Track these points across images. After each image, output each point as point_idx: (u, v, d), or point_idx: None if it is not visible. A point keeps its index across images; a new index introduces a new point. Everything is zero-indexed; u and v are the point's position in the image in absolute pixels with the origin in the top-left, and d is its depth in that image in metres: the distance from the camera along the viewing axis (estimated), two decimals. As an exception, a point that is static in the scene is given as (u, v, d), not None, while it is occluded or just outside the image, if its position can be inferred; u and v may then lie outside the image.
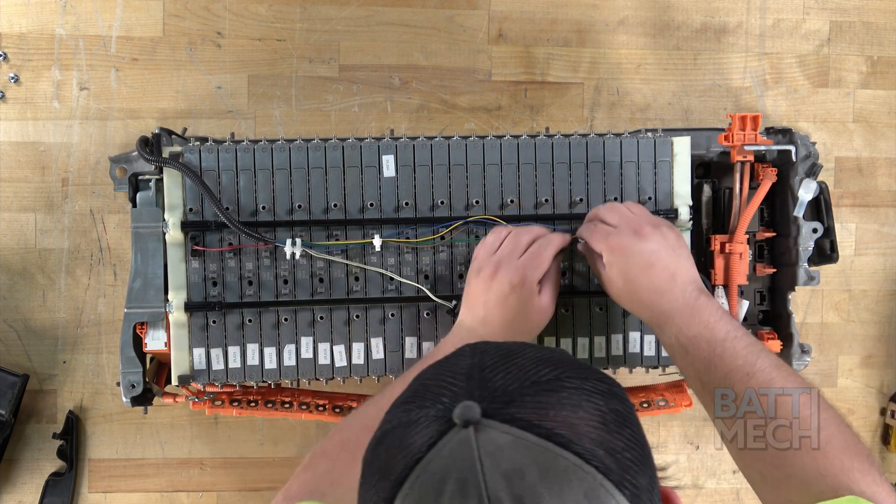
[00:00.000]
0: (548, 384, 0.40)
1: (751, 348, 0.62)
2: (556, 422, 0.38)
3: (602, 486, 0.37)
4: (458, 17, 0.96)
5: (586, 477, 0.37)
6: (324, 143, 0.77)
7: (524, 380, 0.40)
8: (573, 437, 0.38)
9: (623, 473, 0.38)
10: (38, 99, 0.93)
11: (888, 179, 1.01)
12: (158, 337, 0.78)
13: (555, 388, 0.40)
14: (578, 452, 0.37)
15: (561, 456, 0.37)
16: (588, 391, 0.41)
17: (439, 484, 0.37)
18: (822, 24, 0.99)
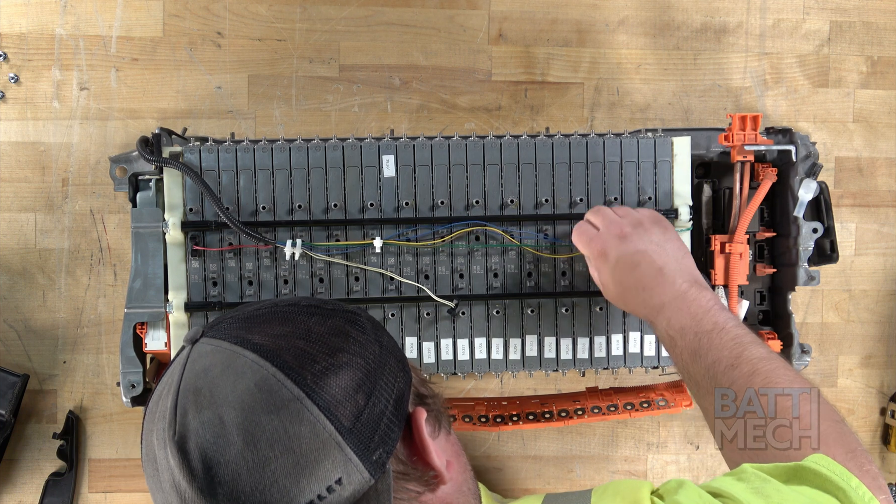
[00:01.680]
0: (271, 310, 0.48)
1: (737, 340, 0.62)
2: (258, 333, 0.45)
3: (274, 376, 0.42)
4: (458, 17, 0.96)
5: (260, 370, 0.43)
6: (324, 143, 0.77)
7: (258, 312, 0.48)
8: (262, 341, 0.44)
9: (305, 370, 0.43)
10: (38, 99, 0.93)
11: (888, 179, 1.01)
12: (158, 337, 0.78)
13: (274, 313, 0.48)
14: (260, 352, 0.43)
15: (242, 355, 0.43)
16: (304, 312, 0.48)
17: (160, 390, 0.46)
18: (822, 24, 0.99)
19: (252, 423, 0.41)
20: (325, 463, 0.41)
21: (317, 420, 0.41)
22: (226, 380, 0.42)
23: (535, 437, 0.99)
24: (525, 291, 0.78)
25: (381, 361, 0.47)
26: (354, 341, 0.46)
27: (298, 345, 0.44)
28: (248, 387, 0.42)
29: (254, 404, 0.41)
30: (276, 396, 0.41)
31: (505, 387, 0.97)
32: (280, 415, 0.41)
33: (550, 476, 0.99)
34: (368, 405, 0.44)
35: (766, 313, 0.85)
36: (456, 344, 0.78)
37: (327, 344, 0.45)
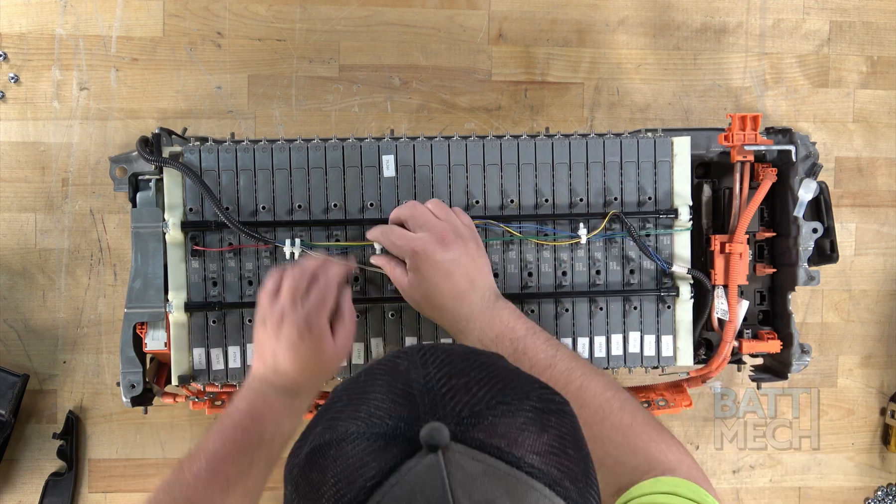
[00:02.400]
0: (509, 406, 0.39)
1: (549, 342, 0.65)
2: (524, 449, 0.37)
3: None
4: (458, 17, 0.96)
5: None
6: (324, 143, 0.77)
7: (482, 400, 0.39)
8: (542, 465, 0.37)
9: (581, 497, 0.38)
10: (38, 99, 0.93)
11: (888, 179, 1.01)
12: (158, 337, 0.78)
13: (516, 411, 0.39)
14: (548, 483, 0.37)
15: (532, 487, 0.36)
16: (544, 412, 0.40)
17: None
18: (822, 24, 1.00)
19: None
20: None
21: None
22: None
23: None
24: (525, 291, 0.78)
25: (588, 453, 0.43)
26: (584, 443, 0.42)
27: (568, 467, 0.38)
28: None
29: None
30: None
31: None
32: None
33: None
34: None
35: (766, 313, 0.85)
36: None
37: (580, 456, 0.40)
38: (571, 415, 0.43)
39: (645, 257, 0.78)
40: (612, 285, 0.79)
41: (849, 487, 1.03)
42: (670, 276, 0.79)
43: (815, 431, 1.02)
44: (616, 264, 0.79)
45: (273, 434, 0.64)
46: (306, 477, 0.39)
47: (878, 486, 1.03)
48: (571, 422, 0.42)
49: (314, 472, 0.39)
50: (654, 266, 0.79)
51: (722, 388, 1.00)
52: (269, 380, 0.66)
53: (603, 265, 0.79)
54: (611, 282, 0.79)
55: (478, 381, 0.40)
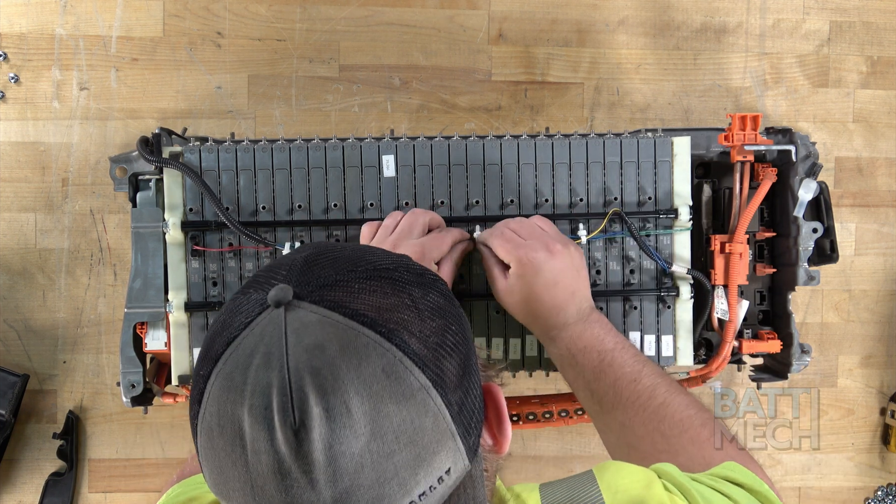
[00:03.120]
0: (365, 272, 0.42)
1: (637, 357, 0.66)
2: (365, 304, 0.40)
3: (401, 362, 0.39)
4: (458, 17, 0.96)
5: (386, 353, 0.39)
6: (324, 143, 0.77)
7: (345, 268, 0.42)
8: (378, 317, 0.40)
9: (427, 354, 0.40)
10: (38, 99, 0.93)
11: (888, 179, 1.01)
12: (158, 337, 0.78)
13: (371, 276, 0.42)
14: (381, 332, 0.39)
15: (362, 333, 0.39)
16: (406, 282, 0.43)
17: (248, 358, 0.39)
18: (822, 24, 1.00)
19: (380, 414, 0.38)
20: (440, 454, 0.39)
21: (438, 411, 0.39)
22: (348, 362, 0.38)
23: (535, 437, 0.99)
24: (525, 291, 0.78)
25: (469, 338, 0.45)
26: (453, 317, 0.43)
27: (413, 323, 0.40)
28: (374, 372, 0.38)
29: (382, 393, 0.38)
30: (405, 385, 0.38)
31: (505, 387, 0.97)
32: (408, 405, 0.38)
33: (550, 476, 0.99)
34: (469, 388, 0.42)
35: (766, 313, 0.85)
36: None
37: (437, 323, 0.42)
38: (444, 294, 0.44)
39: (645, 257, 0.78)
40: (612, 285, 0.79)
41: (849, 487, 1.03)
42: (670, 276, 0.79)
43: (815, 431, 1.02)
44: (616, 264, 0.79)
45: None
46: (201, 347, 0.45)
47: (878, 486, 1.03)
48: (442, 298, 0.44)
49: (203, 341, 0.44)
50: (654, 266, 0.79)
51: (722, 388, 1.00)
52: None
53: (603, 265, 0.79)
54: (611, 282, 0.79)
55: (348, 257, 0.44)
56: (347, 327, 0.39)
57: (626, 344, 0.67)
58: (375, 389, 0.38)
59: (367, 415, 0.37)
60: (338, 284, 0.41)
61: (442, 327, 0.42)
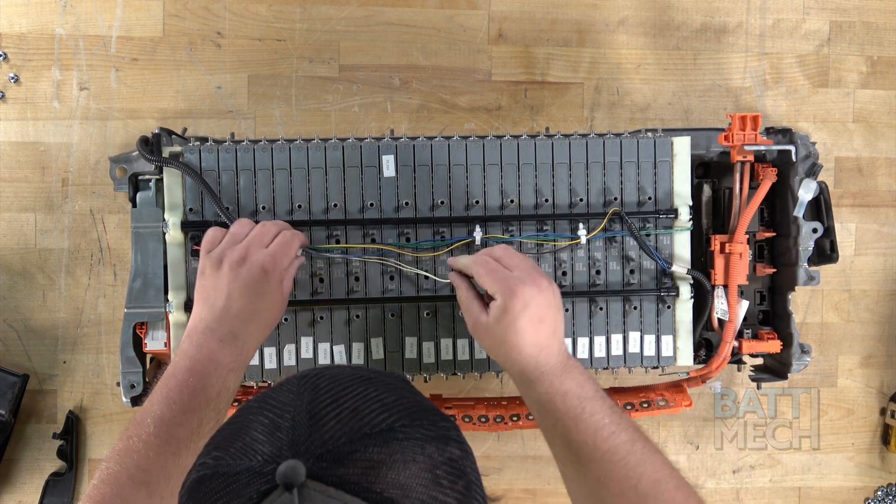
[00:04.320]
0: (379, 436, 0.38)
1: (614, 409, 0.63)
2: (386, 483, 0.36)
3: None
4: (458, 17, 0.96)
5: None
6: (324, 143, 0.77)
7: (355, 430, 0.38)
8: (402, 499, 0.36)
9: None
10: (38, 99, 0.93)
11: (888, 179, 1.01)
12: (158, 337, 0.78)
13: (386, 441, 0.38)
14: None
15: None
16: (421, 440, 0.39)
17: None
18: (822, 24, 1.00)
19: None
20: None
21: None
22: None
23: (535, 437, 0.99)
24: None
25: (481, 485, 0.43)
26: (471, 468, 0.41)
27: (440, 500, 0.37)
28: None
29: None
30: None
31: (505, 387, 0.97)
32: None
33: (550, 476, 0.99)
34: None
35: (766, 313, 0.85)
36: (456, 344, 0.78)
37: (461, 485, 0.39)
38: (457, 440, 0.42)
39: (645, 257, 0.78)
40: (612, 285, 0.79)
41: (849, 487, 1.03)
42: (670, 276, 0.79)
43: (815, 431, 1.02)
44: (616, 264, 0.79)
45: (219, 391, 0.63)
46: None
47: (878, 486, 1.03)
48: (458, 448, 0.41)
49: (186, 501, 0.39)
50: (654, 266, 0.79)
51: (722, 388, 1.00)
52: (214, 328, 0.64)
53: (603, 265, 0.79)
54: (611, 282, 0.79)
55: (354, 409, 0.40)
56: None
57: (602, 393, 0.64)
58: None
59: None
60: (353, 456, 0.37)
61: (461, 491, 0.39)
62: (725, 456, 1.01)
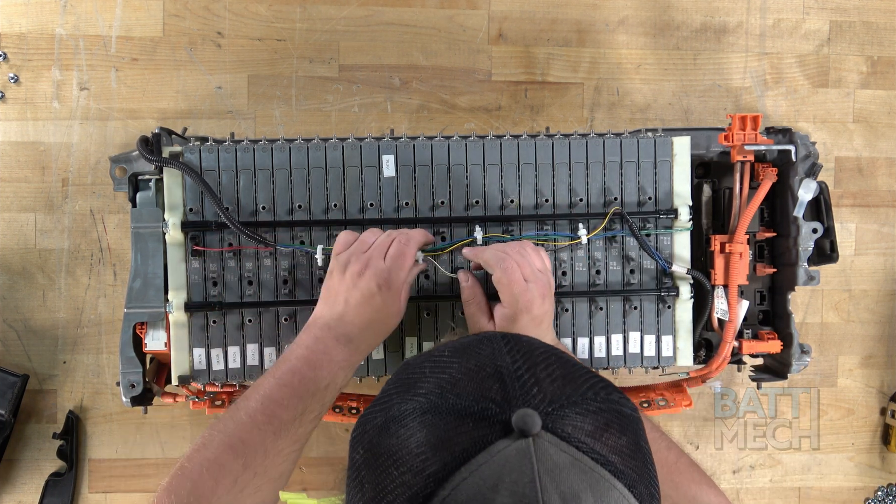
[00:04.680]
0: (592, 403, 0.40)
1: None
2: (608, 447, 0.38)
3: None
4: (458, 17, 0.96)
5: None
6: (324, 143, 0.77)
7: (571, 393, 0.40)
8: (621, 465, 0.38)
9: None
10: (38, 99, 0.93)
11: (888, 179, 1.01)
12: (158, 337, 0.78)
13: (599, 411, 0.39)
14: (626, 484, 0.37)
15: (614, 487, 0.37)
16: (622, 415, 0.41)
17: (490, 491, 0.35)
18: (822, 24, 1.00)
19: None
20: None
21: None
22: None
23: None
24: (525, 291, 0.78)
25: None
26: (651, 456, 0.42)
27: (642, 473, 0.39)
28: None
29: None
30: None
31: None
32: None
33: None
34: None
35: (766, 313, 0.85)
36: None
37: (650, 464, 0.40)
38: (641, 422, 0.43)
39: (645, 257, 0.78)
40: (612, 285, 0.79)
41: (849, 487, 1.03)
42: (670, 276, 0.79)
43: (815, 431, 1.02)
44: (616, 264, 0.79)
45: (328, 384, 0.65)
46: (382, 444, 0.39)
47: (878, 486, 1.03)
48: (641, 429, 0.42)
49: (392, 439, 0.39)
50: (655, 266, 0.79)
51: (722, 388, 1.00)
52: (332, 327, 0.67)
53: (603, 265, 0.79)
54: (611, 282, 0.79)
55: (562, 376, 0.41)
56: (600, 477, 0.37)
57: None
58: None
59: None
60: (574, 407, 0.39)
61: (651, 468, 0.40)
62: (725, 456, 1.01)
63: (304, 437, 0.64)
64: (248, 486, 0.60)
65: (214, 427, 0.62)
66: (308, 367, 0.64)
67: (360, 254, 0.69)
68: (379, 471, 0.39)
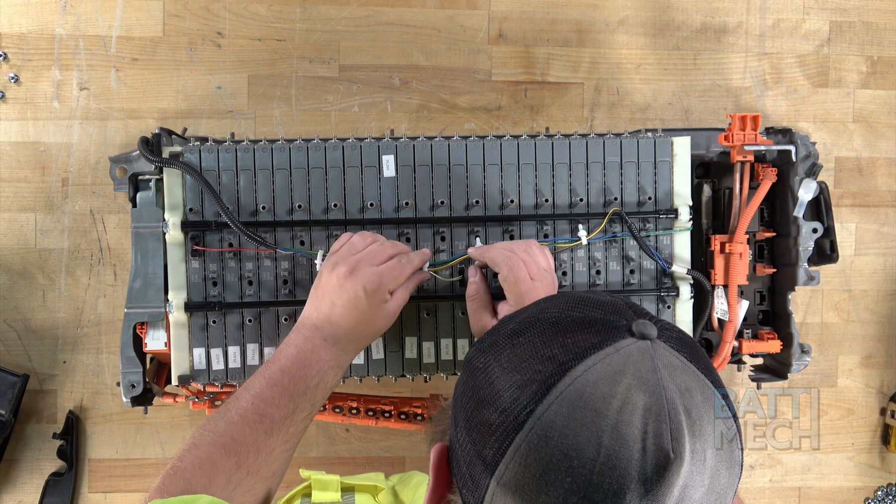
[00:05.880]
0: (678, 331, 0.45)
1: None
2: (705, 364, 0.43)
3: (736, 434, 0.43)
4: (458, 17, 0.96)
5: (728, 420, 0.42)
6: (324, 143, 0.77)
7: (666, 323, 0.45)
8: (716, 380, 0.43)
9: (735, 424, 0.43)
10: (38, 99, 0.93)
11: (888, 179, 1.01)
12: (158, 337, 0.78)
13: (686, 339, 0.45)
14: (723, 394, 0.43)
15: (715, 393, 0.42)
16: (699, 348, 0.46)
17: (618, 374, 0.40)
18: (822, 24, 0.99)
19: (717, 473, 0.41)
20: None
21: (735, 486, 0.43)
22: (708, 415, 0.41)
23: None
24: (525, 291, 0.78)
25: None
26: None
27: (726, 394, 0.44)
28: (719, 434, 0.41)
29: (722, 455, 0.41)
30: (734, 456, 0.42)
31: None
32: (731, 474, 0.42)
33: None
34: None
35: (766, 313, 0.85)
36: (456, 344, 0.78)
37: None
38: None
39: (645, 257, 0.78)
40: (612, 285, 0.79)
41: (849, 487, 1.03)
42: (670, 276, 0.79)
43: (815, 431, 1.02)
44: (616, 264, 0.79)
45: (318, 383, 0.66)
46: (517, 342, 0.44)
47: (878, 486, 1.03)
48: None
49: (523, 338, 0.44)
50: (655, 266, 0.79)
51: (722, 388, 0.99)
52: (320, 328, 0.67)
53: (603, 265, 0.79)
54: (611, 282, 0.79)
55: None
56: (705, 383, 0.42)
57: None
58: (720, 451, 0.41)
59: (711, 469, 0.40)
60: (678, 335, 0.44)
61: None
62: (725, 456, 1.01)
63: (295, 437, 0.65)
64: (241, 484, 0.60)
65: (205, 427, 0.62)
66: (298, 367, 0.65)
67: (349, 256, 0.69)
68: (515, 361, 0.43)
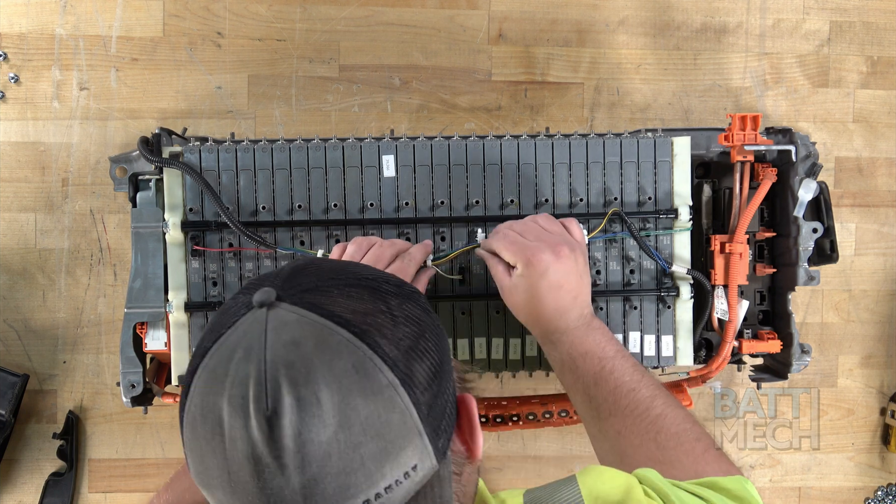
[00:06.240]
0: (346, 281, 0.45)
1: (636, 367, 0.67)
2: (342, 307, 0.43)
3: (371, 360, 0.41)
4: (458, 17, 0.96)
5: (356, 351, 0.41)
6: (324, 143, 0.77)
7: (328, 276, 0.46)
8: (353, 319, 0.43)
9: (397, 356, 0.42)
10: (38, 99, 0.93)
11: (888, 179, 1.01)
12: (158, 337, 0.78)
13: (351, 284, 0.45)
14: (354, 332, 0.42)
15: (336, 332, 0.42)
16: (385, 291, 0.46)
17: (231, 352, 0.42)
18: (822, 24, 0.99)
19: (349, 406, 0.40)
20: (407, 450, 0.41)
21: (406, 408, 0.42)
22: (321, 357, 0.41)
23: (535, 437, 0.99)
24: (525, 291, 0.78)
25: (445, 348, 0.47)
26: (428, 327, 0.46)
27: (386, 327, 0.43)
28: (345, 367, 0.41)
29: (351, 387, 0.41)
30: (373, 381, 0.41)
31: (505, 387, 0.97)
32: (375, 400, 0.41)
33: (550, 476, 0.99)
34: (440, 392, 0.44)
35: (766, 313, 0.85)
36: (456, 344, 0.78)
37: (411, 330, 0.44)
38: (423, 307, 0.47)
39: (645, 257, 0.78)
40: (612, 285, 0.79)
41: (849, 487, 1.03)
42: (670, 276, 0.79)
43: (815, 431, 1.02)
44: (616, 264, 0.79)
45: None
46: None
47: (878, 486, 1.03)
48: (421, 311, 0.46)
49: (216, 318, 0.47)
50: (655, 266, 0.79)
51: (722, 388, 1.00)
52: None
53: (603, 265, 0.79)
54: (611, 282, 0.79)
55: (331, 268, 0.47)
56: (323, 326, 0.42)
57: (625, 353, 0.67)
58: (345, 383, 0.40)
59: (335, 406, 0.40)
60: (318, 289, 0.44)
61: (416, 334, 0.44)
62: (725, 456, 1.01)
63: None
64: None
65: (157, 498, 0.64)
66: None
67: None
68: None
